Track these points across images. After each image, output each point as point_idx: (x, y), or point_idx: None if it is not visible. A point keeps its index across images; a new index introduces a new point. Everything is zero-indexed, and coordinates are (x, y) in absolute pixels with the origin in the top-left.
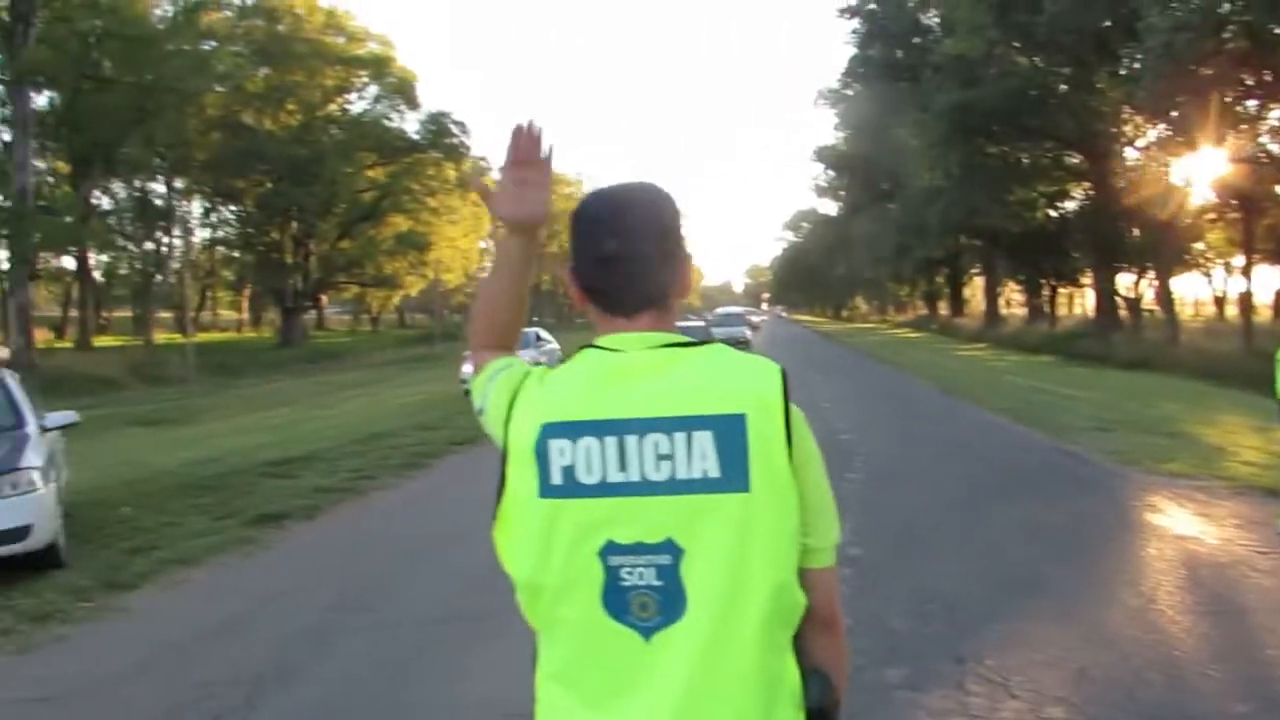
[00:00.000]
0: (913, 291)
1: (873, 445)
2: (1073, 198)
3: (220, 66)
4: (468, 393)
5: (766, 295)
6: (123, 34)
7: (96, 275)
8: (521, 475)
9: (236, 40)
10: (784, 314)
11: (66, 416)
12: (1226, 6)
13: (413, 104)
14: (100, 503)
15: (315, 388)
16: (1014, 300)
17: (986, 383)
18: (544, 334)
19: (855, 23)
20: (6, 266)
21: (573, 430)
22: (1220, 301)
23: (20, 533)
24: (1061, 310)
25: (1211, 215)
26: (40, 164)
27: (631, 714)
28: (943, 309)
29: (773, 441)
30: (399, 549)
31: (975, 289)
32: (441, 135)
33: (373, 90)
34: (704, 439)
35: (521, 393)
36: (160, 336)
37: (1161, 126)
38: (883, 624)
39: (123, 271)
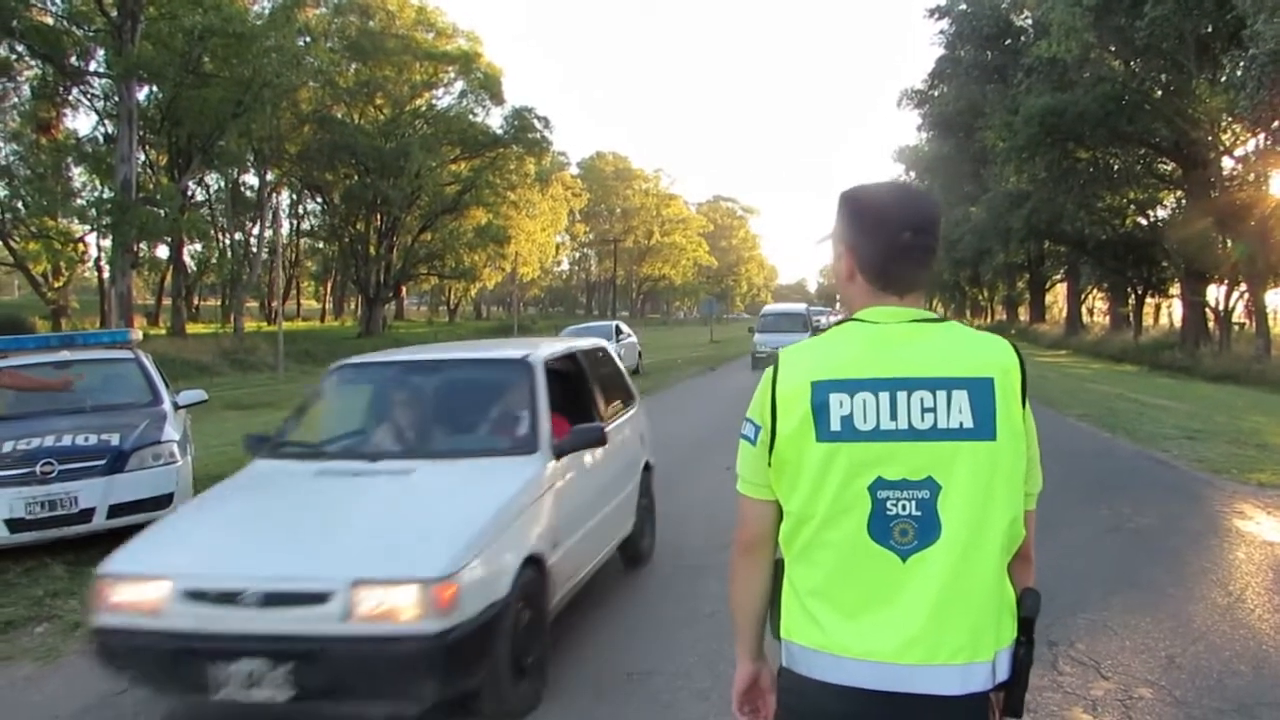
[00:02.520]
0: (992, 296)
1: None
2: (1164, 206)
3: (314, 62)
4: None
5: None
6: (224, 30)
7: (190, 264)
8: (798, 425)
9: (331, 36)
10: None
11: (196, 395)
12: None
13: (498, 99)
14: (218, 477)
15: None
16: (1097, 309)
17: (1068, 389)
18: (624, 327)
19: (944, 23)
20: (108, 256)
21: (850, 386)
22: None
23: (165, 500)
24: (1147, 320)
25: None
26: (140, 156)
27: (887, 623)
28: (1023, 314)
29: (1012, 401)
30: None
31: (1057, 295)
32: (524, 130)
33: (459, 85)
34: (961, 397)
35: (782, 364)
36: (247, 324)
37: (1262, 137)
38: None
39: (214, 261)
